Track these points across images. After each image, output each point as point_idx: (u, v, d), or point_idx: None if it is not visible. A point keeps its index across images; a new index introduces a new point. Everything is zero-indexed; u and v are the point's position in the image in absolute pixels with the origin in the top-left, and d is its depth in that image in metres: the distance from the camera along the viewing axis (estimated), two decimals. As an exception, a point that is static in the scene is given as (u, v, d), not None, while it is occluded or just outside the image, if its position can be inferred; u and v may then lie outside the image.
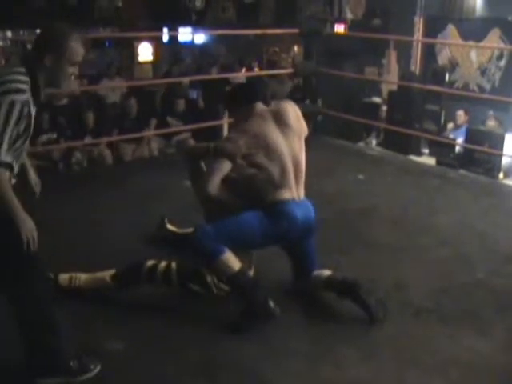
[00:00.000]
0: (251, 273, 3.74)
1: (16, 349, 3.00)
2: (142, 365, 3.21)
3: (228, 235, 3.51)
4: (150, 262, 3.77)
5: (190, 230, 4.36)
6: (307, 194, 3.77)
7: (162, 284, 3.78)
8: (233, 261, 3.50)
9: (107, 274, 3.78)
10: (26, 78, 2.71)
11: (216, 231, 3.48)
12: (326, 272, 3.85)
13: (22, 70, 2.73)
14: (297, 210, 3.62)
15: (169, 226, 4.63)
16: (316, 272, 3.85)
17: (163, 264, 3.76)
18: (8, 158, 2.65)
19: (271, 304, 3.50)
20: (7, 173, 2.69)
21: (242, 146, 3.56)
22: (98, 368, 3.13)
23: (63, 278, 3.77)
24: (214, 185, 3.55)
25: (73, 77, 2.91)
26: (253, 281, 3.59)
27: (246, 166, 3.58)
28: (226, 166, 3.58)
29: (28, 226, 2.73)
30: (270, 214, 3.58)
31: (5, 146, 2.62)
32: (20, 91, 2.65)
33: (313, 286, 3.89)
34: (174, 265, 3.76)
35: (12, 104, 2.61)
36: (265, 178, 3.59)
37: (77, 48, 2.81)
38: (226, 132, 8.54)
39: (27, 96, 2.68)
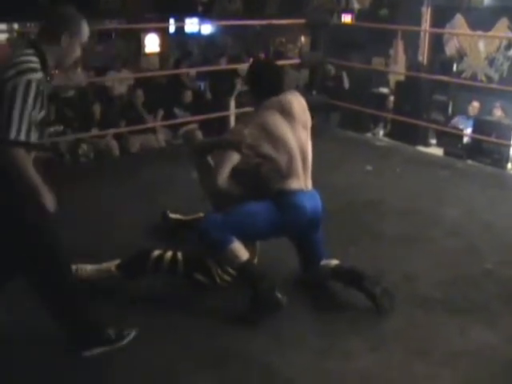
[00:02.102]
0: (255, 263, 3.74)
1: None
2: (148, 355, 3.21)
3: (237, 225, 3.51)
4: (156, 252, 3.78)
5: (199, 215, 4.38)
6: (315, 186, 3.76)
7: (168, 274, 3.79)
8: (241, 250, 3.51)
9: (112, 265, 3.79)
10: (36, 59, 2.77)
11: (224, 220, 3.49)
12: (334, 261, 3.85)
13: (31, 51, 2.80)
14: (305, 201, 3.62)
15: (172, 216, 4.66)
16: (323, 262, 3.84)
17: (169, 254, 3.77)
18: (28, 138, 2.68)
19: (278, 294, 3.49)
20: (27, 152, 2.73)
21: (247, 135, 3.55)
22: (134, 333, 3.26)
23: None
24: (223, 177, 3.55)
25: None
26: (260, 271, 3.59)
27: (253, 156, 3.57)
28: (233, 158, 3.57)
29: (50, 201, 2.81)
30: (279, 204, 3.57)
31: (25, 125, 2.65)
32: (34, 70, 2.72)
33: (320, 275, 3.89)
34: (179, 255, 3.77)
35: (28, 83, 2.66)
36: (271, 168, 3.58)
37: (86, 28, 2.96)
38: (232, 123, 8.55)
39: (40, 74, 2.74)
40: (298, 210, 3.60)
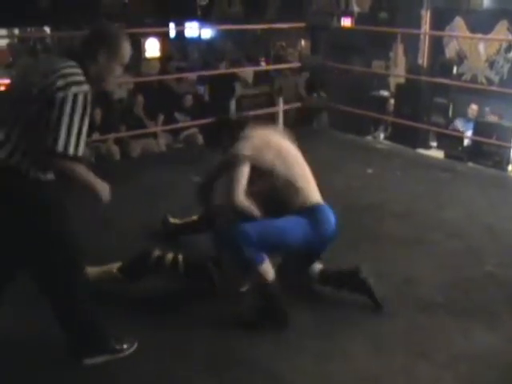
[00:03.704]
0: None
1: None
2: (150, 360, 3.21)
3: (269, 242, 3.44)
4: (157, 253, 3.80)
5: (194, 217, 4.41)
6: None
7: (169, 272, 3.79)
8: (269, 270, 3.46)
9: (114, 267, 3.81)
10: (80, 71, 2.74)
11: (259, 236, 3.38)
12: (318, 266, 3.84)
13: (74, 63, 2.76)
14: (330, 215, 3.65)
15: (171, 220, 4.66)
16: (312, 267, 3.84)
17: (170, 255, 3.80)
18: (77, 152, 2.68)
19: (288, 316, 3.52)
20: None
21: (244, 148, 3.55)
22: (136, 344, 3.26)
23: None
24: (241, 192, 3.48)
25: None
26: (279, 292, 3.54)
27: (260, 169, 3.54)
28: (243, 170, 3.51)
29: (106, 194, 3.01)
30: (311, 220, 3.54)
31: (73, 139, 2.64)
32: (81, 83, 2.69)
33: (310, 279, 3.87)
34: (180, 257, 3.79)
35: (75, 96, 2.63)
36: (286, 180, 3.57)
37: (128, 49, 2.91)
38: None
39: (87, 87, 2.71)
40: (328, 225, 3.61)
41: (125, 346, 3.24)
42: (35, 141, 2.67)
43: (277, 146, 3.63)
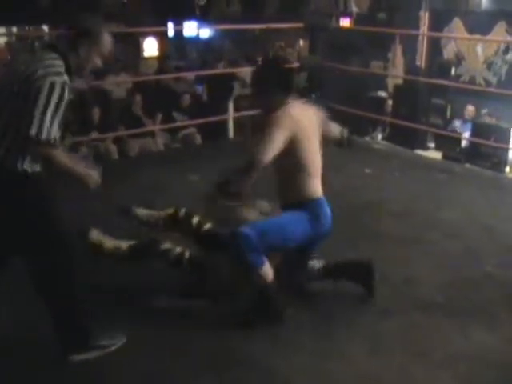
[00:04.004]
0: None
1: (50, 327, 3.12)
2: (147, 359, 3.21)
3: (270, 242, 3.48)
4: (166, 246, 3.87)
5: (170, 210, 4.23)
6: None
7: (172, 265, 3.85)
8: (268, 272, 3.51)
9: (125, 244, 3.97)
10: (60, 63, 2.84)
11: (259, 238, 3.42)
12: (318, 263, 3.87)
13: (55, 55, 2.86)
14: (328, 209, 3.68)
15: (139, 212, 4.40)
16: (311, 263, 3.88)
17: (178, 249, 3.85)
18: (49, 135, 2.74)
19: (287, 312, 3.57)
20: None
21: (293, 119, 3.48)
22: (124, 339, 3.28)
23: (94, 233, 4.05)
24: (270, 155, 3.40)
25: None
26: (276, 292, 3.57)
27: (289, 152, 3.47)
28: (282, 136, 3.42)
29: (92, 179, 3.06)
30: (312, 216, 3.57)
31: (46, 125, 2.72)
32: (59, 73, 2.79)
33: (313, 276, 3.89)
34: (187, 254, 3.84)
35: (52, 85, 2.73)
36: (303, 170, 3.56)
37: (108, 41, 2.98)
38: (231, 126, 8.55)
39: (65, 77, 2.80)
40: (326, 221, 3.64)
41: (113, 342, 3.27)
42: (17, 129, 2.77)
43: (307, 126, 3.58)
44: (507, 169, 8.63)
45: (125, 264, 3.99)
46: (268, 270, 3.51)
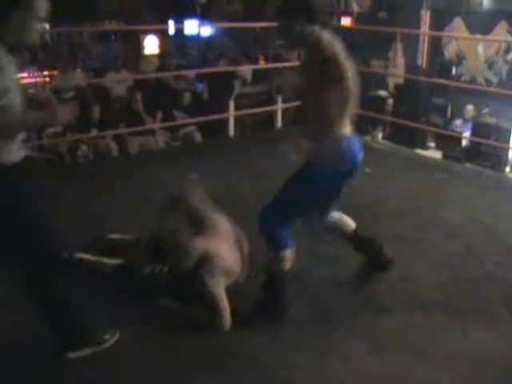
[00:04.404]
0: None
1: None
2: (146, 358, 3.21)
3: (296, 213, 3.49)
4: (148, 268, 3.84)
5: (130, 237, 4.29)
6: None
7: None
8: (288, 259, 3.53)
9: (112, 262, 3.95)
10: None
11: (283, 215, 3.44)
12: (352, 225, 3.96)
13: None
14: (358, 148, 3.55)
15: (112, 236, 4.43)
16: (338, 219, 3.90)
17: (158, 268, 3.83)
18: None
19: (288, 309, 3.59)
20: None
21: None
22: (117, 335, 3.31)
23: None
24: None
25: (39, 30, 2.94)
26: (286, 284, 3.61)
27: (336, 81, 3.35)
28: (345, 61, 3.37)
29: (38, 122, 3.05)
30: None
31: None
32: None
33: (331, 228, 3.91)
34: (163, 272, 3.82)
35: None
36: (344, 104, 3.43)
37: (43, 3, 2.90)
38: (232, 125, 8.55)
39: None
40: (356, 159, 3.51)
41: (107, 337, 3.28)
42: None
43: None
44: (507, 168, 8.62)
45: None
46: (289, 257, 3.53)
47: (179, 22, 13.95)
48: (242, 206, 5.19)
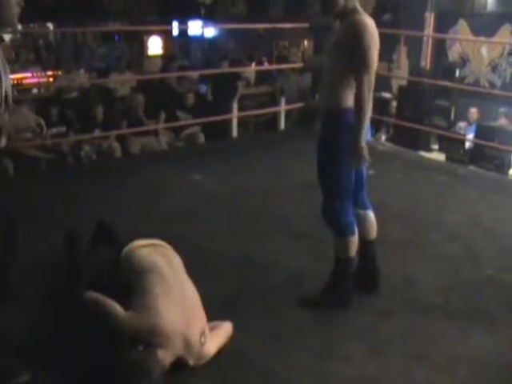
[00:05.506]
0: None
1: None
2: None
3: (347, 193, 3.56)
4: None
5: None
6: (314, 188, 3.74)
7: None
8: (354, 246, 3.64)
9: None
10: None
11: (339, 199, 3.54)
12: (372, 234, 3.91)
13: None
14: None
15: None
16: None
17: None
18: None
19: (353, 299, 3.69)
20: None
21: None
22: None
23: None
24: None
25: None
26: (353, 270, 3.71)
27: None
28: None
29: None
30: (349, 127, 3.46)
31: None
32: None
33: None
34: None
35: None
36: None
37: None
38: (235, 126, 8.56)
39: None
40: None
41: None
42: None
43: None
44: (511, 171, 8.62)
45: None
46: (354, 244, 3.63)
47: (183, 22, 14.00)
48: (246, 206, 5.20)
